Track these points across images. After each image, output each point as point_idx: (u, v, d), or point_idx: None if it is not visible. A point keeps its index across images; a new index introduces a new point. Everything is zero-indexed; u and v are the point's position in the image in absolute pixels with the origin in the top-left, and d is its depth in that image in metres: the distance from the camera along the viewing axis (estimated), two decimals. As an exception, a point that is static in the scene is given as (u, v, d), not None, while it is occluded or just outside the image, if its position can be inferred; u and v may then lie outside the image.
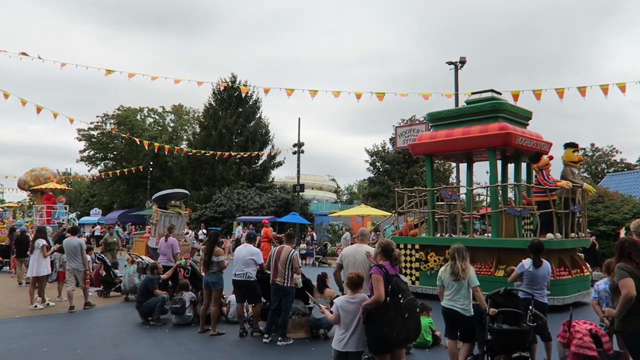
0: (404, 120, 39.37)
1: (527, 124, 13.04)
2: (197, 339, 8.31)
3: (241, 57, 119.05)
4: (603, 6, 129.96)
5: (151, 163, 45.04)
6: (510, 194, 14.14)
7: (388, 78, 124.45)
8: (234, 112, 42.03)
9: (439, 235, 12.88)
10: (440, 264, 11.51)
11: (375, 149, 39.60)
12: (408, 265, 12.64)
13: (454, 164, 29.12)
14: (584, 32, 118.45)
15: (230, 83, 40.88)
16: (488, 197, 13.01)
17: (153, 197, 18.69)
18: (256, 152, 39.15)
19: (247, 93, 41.62)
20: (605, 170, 44.10)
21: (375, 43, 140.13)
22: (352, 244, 9.20)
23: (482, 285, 5.97)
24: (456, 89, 22.41)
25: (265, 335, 8.01)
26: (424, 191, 13.52)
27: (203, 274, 8.96)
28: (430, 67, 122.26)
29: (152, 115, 54.74)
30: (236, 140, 41.77)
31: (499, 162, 13.43)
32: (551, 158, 11.97)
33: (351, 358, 5.10)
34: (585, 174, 44.16)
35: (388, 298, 4.94)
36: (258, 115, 43.60)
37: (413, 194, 13.90)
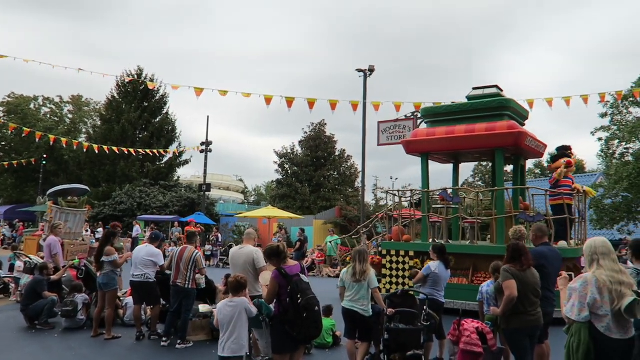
0: (313, 123, 39.94)
1: (525, 124, 12.33)
2: (89, 343, 7.87)
3: (144, 47, 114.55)
4: (498, 22, 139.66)
5: (45, 156, 42.03)
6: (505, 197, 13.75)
7: (297, 78, 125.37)
8: (138, 107, 40.31)
9: (430, 240, 11.71)
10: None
11: (285, 151, 39.76)
12: (400, 274, 11.37)
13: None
14: (480, 46, 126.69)
15: (136, 76, 39.22)
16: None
17: (48, 192, 17.35)
18: (161, 149, 37.82)
19: (154, 88, 40.13)
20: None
21: (285, 42, 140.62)
22: (258, 245, 9.18)
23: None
24: (364, 97, 23.05)
25: (164, 339, 7.76)
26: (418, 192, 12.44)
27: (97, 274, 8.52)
28: (339, 70, 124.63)
29: (48, 105, 51.16)
30: (140, 135, 40.11)
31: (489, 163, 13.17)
32: (570, 164, 11.21)
33: None
34: (479, 183, 47.06)
35: (288, 299, 5.00)
36: (165, 110, 42.15)
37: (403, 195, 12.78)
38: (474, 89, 12.19)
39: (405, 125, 17.92)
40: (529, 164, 45.15)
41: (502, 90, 11.95)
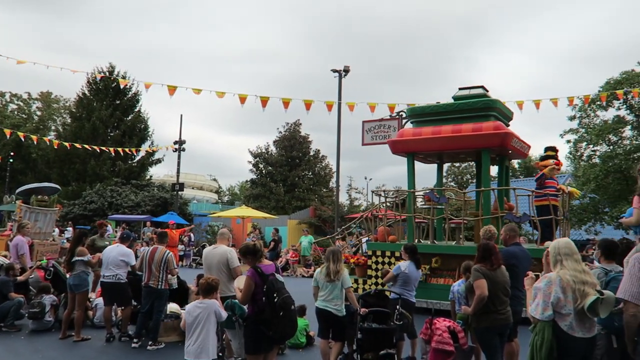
0: (288, 123, 39.90)
1: (509, 125, 12.31)
2: (57, 345, 7.71)
3: (117, 43, 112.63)
4: (472, 25, 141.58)
5: (12, 154, 41.00)
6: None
7: (273, 77, 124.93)
8: (110, 104, 39.62)
9: (416, 241, 11.63)
10: (426, 273, 10.54)
11: (259, 151, 39.61)
12: None
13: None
14: (455, 48, 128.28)
15: (107, 73, 38.56)
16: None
17: (17, 191, 16.89)
18: (133, 148, 37.26)
19: (126, 86, 39.51)
20: (470, 181, 48.08)
21: (261, 41, 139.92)
22: (231, 245, 9.12)
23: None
24: (339, 97, 23.14)
25: (135, 340, 7.65)
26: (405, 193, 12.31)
27: (67, 275, 8.36)
28: (315, 70, 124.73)
29: (16, 102, 49.92)
30: (112, 134, 39.43)
31: (473, 164, 13.13)
32: (558, 164, 11.28)
33: None
34: (452, 184, 47.74)
35: (264, 298, 4.99)
36: (137, 109, 41.53)
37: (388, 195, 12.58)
38: (460, 89, 12.18)
39: (390, 125, 17.68)
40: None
41: (487, 91, 11.98)
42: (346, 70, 24.17)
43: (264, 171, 39.24)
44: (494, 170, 14.00)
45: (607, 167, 22.44)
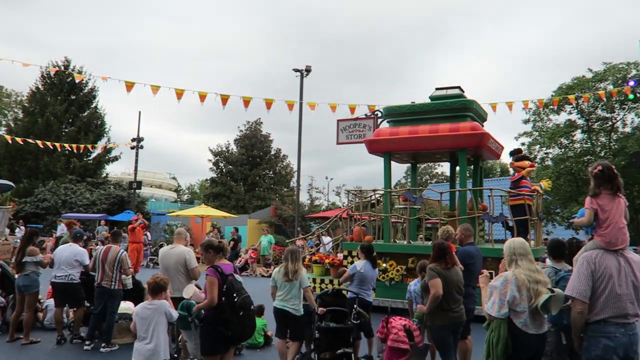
0: (249, 122, 39.65)
1: (484, 125, 12.34)
2: (5, 349, 7.42)
3: (73, 37, 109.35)
4: (434, 28, 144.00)
5: (-42, 149, 39.22)
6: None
7: (235, 75, 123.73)
8: (65, 99, 38.40)
9: (392, 241, 11.65)
10: (402, 273, 10.61)
11: (219, 149, 39.20)
12: None
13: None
14: (418, 50, 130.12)
15: (63, 67, 37.37)
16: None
17: (-31, 189, 16.15)
18: (89, 145, 36.22)
19: (82, 81, 38.38)
20: (428, 181, 48.91)
21: (223, 38, 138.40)
22: (190, 245, 8.97)
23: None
24: (301, 97, 23.15)
25: (87, 342, 7.45)
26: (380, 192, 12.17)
27: (16, 276, 8.05)
28: (277, 69, 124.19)
29: (-37, 95, 47.82)
30: (66, 130, 38.21)
31: (448, 165, 12.83)
32: (532, 166, 11.40)
33: None
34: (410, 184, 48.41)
35: (223, 297, 4.95)
36: (94, 104, 40.40)
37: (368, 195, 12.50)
38: (436, 89, 12.18)
39: (365, 124, 17.60)
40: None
41: (464, 91, 12.03)
42: (308, 70, 24.20)
43: (224, 170, 38.89)
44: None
45: (559, 169, 23.26)
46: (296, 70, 24.06)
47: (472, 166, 12.88)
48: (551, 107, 24.79)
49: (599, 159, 13.35)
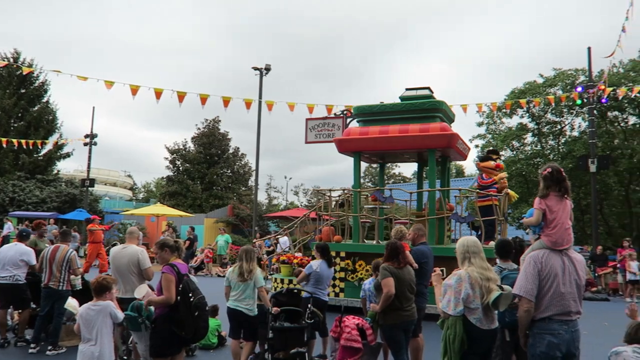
0: (207, 119, 39.15)
1: (452, 126, 12.38)
2: (-57, 353, 7.09)
3: (23, 29, 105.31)
4: (395, 29, 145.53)
5: None
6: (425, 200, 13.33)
7: (194, 72, 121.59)
8: (14, 93, 36.88)
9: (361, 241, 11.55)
10: (371, 273, 10.47)
11: (176, 147, 38.55)
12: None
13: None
14: (379, 51, 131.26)
15: (12, 60, 35.91)
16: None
17: None
18: (39, 140, 34.95)
19: (32, 74, 36.98)
20: (386, 182, 49.50)
21: (182, 34, 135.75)
22: (142, 245, 8.78)
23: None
24: (260, 96, 23.03)
25: (32, 345, 7.19)
26: (350, 192, 12.08)
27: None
28: (237, 67, 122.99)
29: None
30: (15, 125, 36.71)
31: (416, 165, 12.92)
32: (500, 167, 11.63)
33: None
34: (369, 184, 48.89)
35: (179, 297, 4.87)
36: (45, 99, 39.00)
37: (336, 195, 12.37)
38: (406, 89, 12.26)
39: (335, 124, 17.55)
40: (415, 167, 47.64)
41: (433, 92, 12.12)
42: (267, 69, 24.11)
43: (181, 168, 38.27)
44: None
45: (510, 171, 23.91)
46: (256, 69, 23.92)
47: (440, 167, 13.09)
48: (504, 110, 25.53)
49: (548, 162, 13.86)
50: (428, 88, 12.12)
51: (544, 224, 4.06)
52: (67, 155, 39.99)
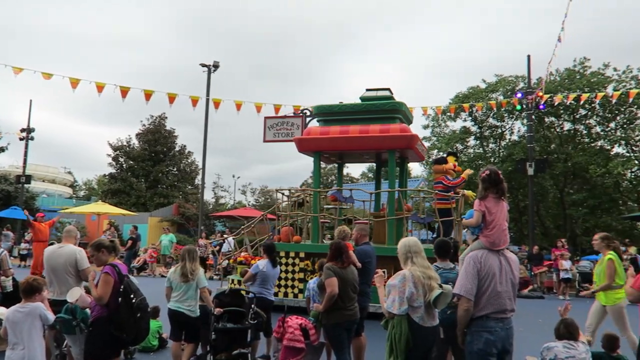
0: (153, 116, 38.18)
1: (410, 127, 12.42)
2: None
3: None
4: (342, 31, 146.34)
5: None
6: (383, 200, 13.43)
7: (139, 67, 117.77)
8: (-58, 83, 34.83)
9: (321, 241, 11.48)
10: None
11: (120, 143, 37.41)
12: (290, 276, 10.83)
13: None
14: (328, 52, 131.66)
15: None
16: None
17: None
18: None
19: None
20: (333, 182, 49.84)
21: (129, 26, 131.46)
22: (79, 244, 8.43)
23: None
24: (207, 93, 22.65)
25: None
26: (311, 192, 11.90)
27: None
28: (186, 63, 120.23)
29: None
30: (-57, 117, 34.74)
31: (365, 166, 13.08)
32: (455, 167, 11.80)
33: None
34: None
35: (120, 298, 4.72)
36: (-23, 91, 37.00)
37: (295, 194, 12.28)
38: (367, 90, 12.34)
39: (294, 123, 17.31)
40: (363, 167, 48.35)
41: (393, 94, 12.20)
42: (216, 66, 23.74)
43: (124, 165, 37.15)
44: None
45: (454, 173, 24.50)
46: (204, 65, 23.52)
47: (398, 168, 13.18)
48: (448, 114, 26.23)
49: (489, 164, 14.34)
50: (388, 89, 12.24)
51: (483, 225, 4.16)
52: (2, 149, 38.07)
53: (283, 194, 12.43)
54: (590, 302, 7.38)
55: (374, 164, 14.30)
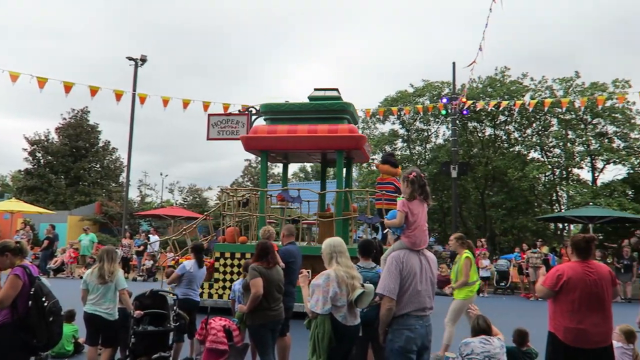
0: (74, 109, 36.35)
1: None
2: None
3: None
4: (277, 29, 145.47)
5: None
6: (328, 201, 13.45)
7: (65, 58, 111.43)
8: None
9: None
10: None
11: (37, 138, 35.33)
12: (235, 277, 10.39)
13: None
14: (260, 50, 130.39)
15: None
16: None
17: None
18: None
19: None
20: (267, 182, 49.48)
21: (51, 16, 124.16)
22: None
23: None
24: (134, 88, 21.88)
25: None
26: (256, 191, 11.78)
27: None
28: (113, 55, 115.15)
29: None
30: None
31: (296, 166, 12.87)
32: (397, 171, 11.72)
33: None
34: (247, 183, 48.61)
35: (30, 302, 4.47)
36: None
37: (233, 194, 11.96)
38: (315, 89, 12.30)
39: (239, 121, 16.71)
40: (295, 167, 48.39)
41: (340, 94, 12.27)
42: (143, 60, 22.98)
43: (42, 161, 35.12)
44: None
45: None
46: (130, 59, 22.69)
47: (345, 168, 13.08)
48: (377, 116, 26.81)
49: (414, 166, 14.77)
50: (336, 89, 12.29)
51: (405, 226, 4.25)
52: None
53: (228, 193, 12.17)
54: (509, 298, 7.78)
55: (307, 164, 14.41)
